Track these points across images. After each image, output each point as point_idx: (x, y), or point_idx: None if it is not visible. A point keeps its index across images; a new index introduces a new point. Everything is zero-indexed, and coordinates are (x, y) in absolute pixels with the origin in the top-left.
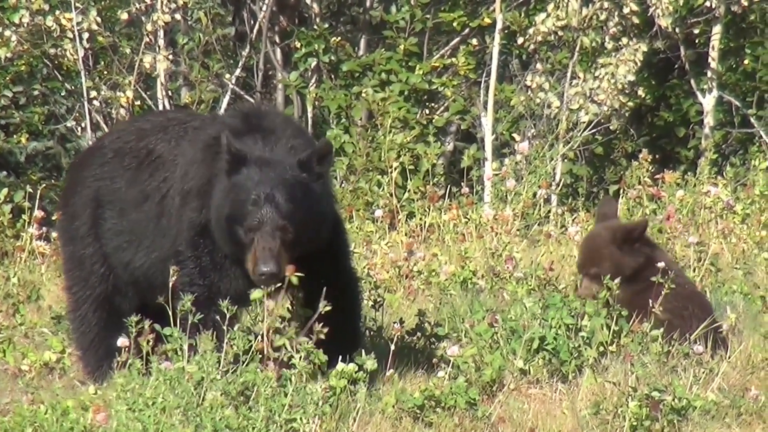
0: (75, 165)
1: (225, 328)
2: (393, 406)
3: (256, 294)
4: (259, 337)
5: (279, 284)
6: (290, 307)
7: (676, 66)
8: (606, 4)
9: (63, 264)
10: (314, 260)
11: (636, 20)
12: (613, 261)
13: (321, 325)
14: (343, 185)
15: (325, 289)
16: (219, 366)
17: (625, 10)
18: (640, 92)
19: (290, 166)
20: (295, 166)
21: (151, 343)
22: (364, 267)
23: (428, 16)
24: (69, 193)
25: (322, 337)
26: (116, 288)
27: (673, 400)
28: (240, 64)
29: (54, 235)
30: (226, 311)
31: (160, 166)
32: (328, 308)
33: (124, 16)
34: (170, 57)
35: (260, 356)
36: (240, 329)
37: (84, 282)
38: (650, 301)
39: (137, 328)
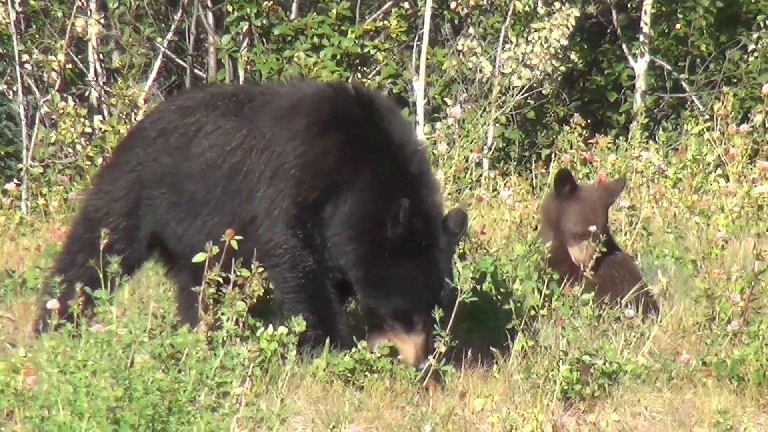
0: (116, 150)
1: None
2: (324, 370)
3: (198, 257)
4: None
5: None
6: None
7: (609, 30)
8: None
9: (73, 229)
10: None
11: None
12: (604, 220)
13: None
14: None
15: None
16: (148, 329)
17: None
18: (573, 57)
19: (450, 243)
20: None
21: (81, 307)
22: None
23: None
24: (107, 175)
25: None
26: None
27: (604, 364)
28: (172, 28)
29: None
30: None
31: (219, 138)
32: (260, 269)
33: None
34: (102, 21)
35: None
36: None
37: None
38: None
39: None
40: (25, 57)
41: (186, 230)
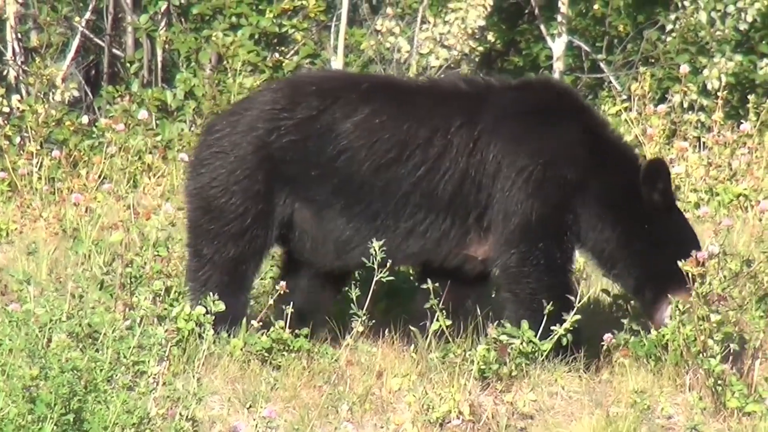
0: (213, 134)
1: None
2: (241, 349)
3: (115, 237)
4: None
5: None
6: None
7: (527, 11)
8: None
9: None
10: None
11: None
12: None
13: None
14: (192, 129)
15: None
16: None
17: None
18: (490, 37)
19: None
20: None
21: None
22: None
23: None
24: (214, 158)
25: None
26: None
27: (522, 344)
28: (90, 7)
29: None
30: None
31: (394, 132)
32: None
33: None
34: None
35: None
36: None
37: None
38: None
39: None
40: None
41: (351, 219)
